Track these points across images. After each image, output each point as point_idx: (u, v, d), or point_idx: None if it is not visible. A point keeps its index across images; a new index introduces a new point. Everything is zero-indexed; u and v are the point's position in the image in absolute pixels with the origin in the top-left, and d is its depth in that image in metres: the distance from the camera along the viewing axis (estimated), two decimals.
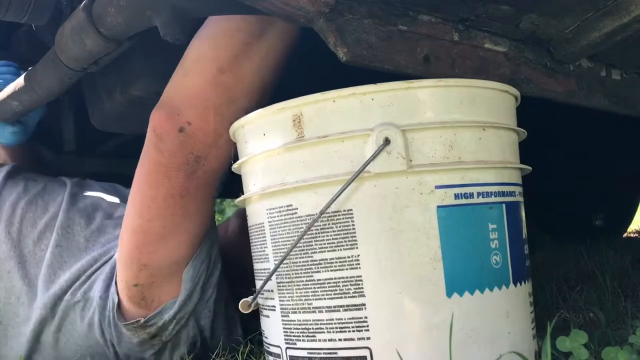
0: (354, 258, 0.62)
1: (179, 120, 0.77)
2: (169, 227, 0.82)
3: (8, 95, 1.02)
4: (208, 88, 0.77)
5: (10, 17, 0.88)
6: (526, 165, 0.72)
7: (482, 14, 0.72)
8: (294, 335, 0.66)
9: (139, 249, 0.84)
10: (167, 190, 0.80)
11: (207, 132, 0.78)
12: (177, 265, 0.86)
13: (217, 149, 0.79)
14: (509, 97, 0.71)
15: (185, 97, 0.78)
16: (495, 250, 0.65)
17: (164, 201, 0.81)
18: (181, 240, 0.84)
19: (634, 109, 0.95)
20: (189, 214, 0.83)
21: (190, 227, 0.84)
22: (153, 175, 0.81)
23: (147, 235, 0.83)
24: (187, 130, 0.77)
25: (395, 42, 0.68)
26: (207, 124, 0.77)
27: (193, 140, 0.78)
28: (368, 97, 0.62)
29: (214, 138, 0.78)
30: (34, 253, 0.98)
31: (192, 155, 0.79)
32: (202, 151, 0.79)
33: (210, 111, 0.77)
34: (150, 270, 0.85)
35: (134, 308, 0.88)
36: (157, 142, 0.79)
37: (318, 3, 0.62)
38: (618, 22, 0.74)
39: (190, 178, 0.80)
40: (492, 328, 0.64)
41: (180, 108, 0.78)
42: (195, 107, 0.77)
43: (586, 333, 0.69)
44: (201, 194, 0.83)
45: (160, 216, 0.82)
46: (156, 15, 0.74)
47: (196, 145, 0.78)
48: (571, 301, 1.08)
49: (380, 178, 0.62)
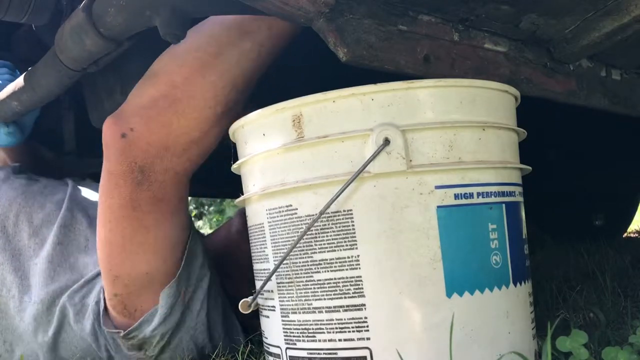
0: (353, 258, 0.62)
1: (122, 127, 0.77)
2: (128, 239, 0.82)
3: (8, 95, 1.02)
4: (158, 99, 0.77)
5: (10, 17, 0.88)
6: (526, 165, 0.72)
7: (482, 14, 0.72)
8: (294, 335, 0.66)
9: (107, 260, 0.84)
10: (120, 200, 0.80)
11: (150, 141, 0.77)
12: (148, 276, 0.85)
13: (162, 160, 0.79)
14: (509, 97, 0.71)
15: (135, 105, 0.79)
16: (495, 250, 0.65)
17: (119, 211, 0.81)
18: (145, 252, 0.83)
19: (634, 109, 0.95)
20: (145, 227, 0.82)
21: (152, 240, 0.83)
22: (106, 184, 0.81)
23: (111, 246, 0.83)
24: (129, 135, 0.77)
25: (395, 42, 0.68)
26: (149, 132, 0.77)
27: (135, 147, 0.77)
28: (368, 97, 0.62)
29: (157, 148, 0.78)
30: (28, 246, 0.98)
31: (135, 164, 0.78)
32: (145, 161, 0.78)
33: (155, 121, 0.77)
34: (123, 281, 0.84)
35: (119, 317, 0.88)
36: (105, 148, 0.80)
37: (318, 3, 0.62)
38: (618, 22, 0.74)
39: (137, 189, 0.79)
40: (492, 328, 0.64)
41: (127, 115, 0.78)
42: (141, 115, 0.77)
43: (586, 333, 0.69)
44: (157, 208, 0.82)
45: (119, 227, 0.81)
46: (156, 15, 0.74)
47: (138, 154, 0.78)
48: (571, 301, 1.08)
49: (380, 178, 0.62)
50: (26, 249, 0.98)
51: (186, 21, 0.75)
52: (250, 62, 0.80)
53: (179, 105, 0.77)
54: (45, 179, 1.13)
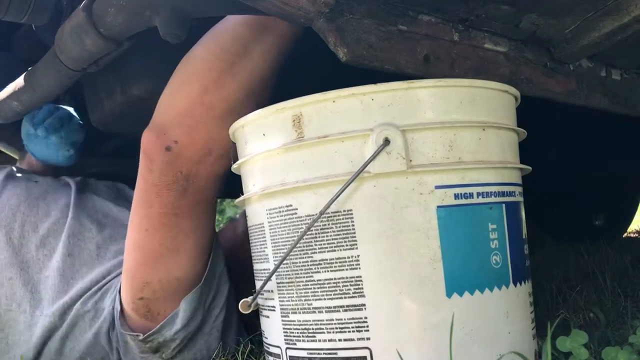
0: (353, 258, 0.62)
1: (165, 139, 0.78)
2: (166, 245, 0.83)
3: (8, 95, 1.02)
4: (193, 107, 0.78)
5: (10, 17, 0.88)
6: (526, 165, 0.72)
7: (482, 14, 0.72)
8: (294, 335, 0.66)
9: (140, 266, 0.85)
10: (161, 209, 0.81)
11: (194, 149, 0.78)
12: (178, 282, 0.86)
13: (205, 166, 0.80)
14: (509, 97, 0.71)
15: (172, 116, 0.79)
16: (495, 250, 0.65)
17: (158, 219, 0.82)
18: (180, 258, 0.84)
19: (634, 109, 0.95)
20: (185, 232, 0.83)
21: (188, 245, 0.84)
22: (146, 195, 0.82)
23: (146, 252, 0.84)
24: (174, 148, 0.78)
25: (395, 42, 0.68)
26: (193, 142, 0.78)
27: (180, 158, 0.78)
28: (368, 97, 0.62)
29: (201, 155, 0.79)
30: (37, 258, 0.97)
31: (180, 173, 0.79)
32: (191, 169, 0.79)
33: (196, 129, 0.78)
34: (153, 286, 0.85)
35: (139, 319, 0.88)
36: (148, 162, 0.80)
37: (318, 3, 0.62)
38: (618, 22, 0.74)
39: (181, 196, 0.80)
40: (492, 328, 0.64)
41: (167, 127, 0.79)
42: (181, 125, 0.78)
43: (586, 333, 0.69)
44: (196, 212, 0.83)
45: (157, 234, 0.82)
46: (156, 15, 0.74)
47: (184, 164, 0.79)
48: (571, 301, 1.08)
49: (380, 178, 0.62)
50: (34, 261, 0.97)
51: (186, 21, 0.75)
52: (274, 55, 0.80)
53: (215, 111, 0.78)
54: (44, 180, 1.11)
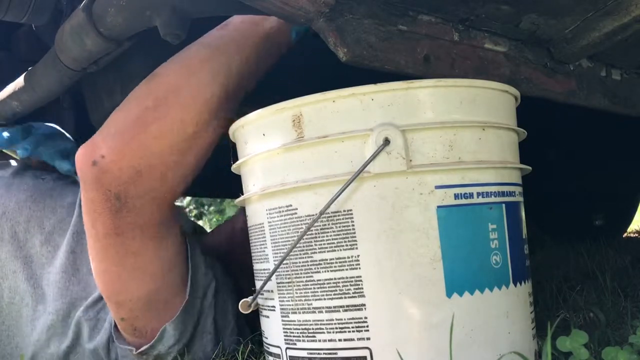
0: (353, 258, 0.62)
1: (94, 154, 0.76)
2: (120, 265, 0.81)
3: (8, 95, 1.02)
4: (130, 123, 0.76)
5: (10, 17, 0.88)
6: (526, 165, 0.72)
7: (482, 14, 0.72)
8: (294, 335, 0.66)
9: (106, 288, 0.83)
10: (103, 229, 0.78)
11: (121, 166, 0.75)
12: (149, 297, 0.84)
13: (136, 186, 0.76)
14: (509, 97, 0.71)
15: (107, 131, 0.77)
16: (495, 250, 0.65)
17: (104, 240, 0.79)
18: (141, 275, 0.82)
19: (634, 109, 0.95)
20: (133, 252, 0.80)
21: (143, 265, 0.82)
22: (87, 213, 0.79)
23: (106, 274, 0.82)
24: (100, 163, 0.75)
25: (395, 42, 0.68)
26: (121, 158, 0.75)
27: (107, 174, 0.75)
28: (368, 98, 0.62)
29: (130, 174, 0.76)
30: (41, 254, 0.97)
31: (109, 192, 0.76)
32: (119, 188, 0.76)
33: (126, 146, 0.75)
34: (127, 306, 0.83)
35: (130, 337, 0.88)
36: (80, 177, 0.78)
37: (318, 3, 0.62)
38: (618, 22, 0.74)
39: (117, 216, 0.77)
40: (492, 328, 0.64)
41: (99, 142, 0.76)
42: (112, 140, 0.76)
43: (586, 333, 0.69)
44: (141, 233, 0.79)
45: (108, 255, 0.80)
46: (156, 15, 0.74)
47: (112, 181, 0.76)
48: (571, 301, 1.08)
49: (380, 178, 0.62)
50: (38, 256, 0.97)
51: (186, 21, 0.75)
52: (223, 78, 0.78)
53: (149, 130, 0.75)
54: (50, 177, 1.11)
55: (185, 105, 0.77)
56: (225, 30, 0.80)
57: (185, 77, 0.78)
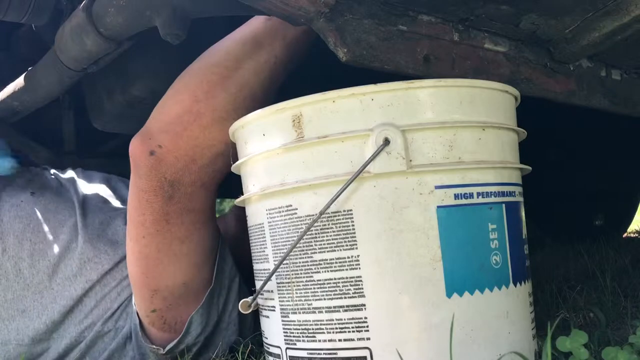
0: (353, 258, 0.62)
1: (150, 144, 0.80)
2: (164, 252, 0.84)
3: (8, 95, 1.02)
4: (182, 114, 0.79)
5: (10, 17, 0.88)
6: (526, 165, 0.72)
7: (482, 14, 0.72)
8: (294, 335, 0.66)
9: (145, 275, 0.85)
10: (152, 216, 0.82)
11: (178, 155, 0.80)
12: (185, 286, 0.87)
13: (190, 173, 0.81)
14: (509, 97, 0.71)
15: (160, 122, 0.81)
16: (495, 250, 0.65)
17: (152, 226, 0.82)
18: (181, 263, 0.85)
19: (634, 109, 0.95)
20: (179, 238, 0.84)
21: (186, 251, 0.85)
22: (137, 201, 0.83)
23: (147, 260, 0.84)
24: (157, 153, 0.79)
25: (395, 42, 0.68)
26: (177, 148, 0.79)
27: (163, 163, 0.79)
28: (368, 98, 0.62)
29: (185, 162, 0.80)
30: (51, 288, 0.94)
31: (165, 179, 0.80)
32: (175, 175, 0.80)
33: (181, 135, 0.79)
34: (162, 294, 0.86)
35: (158, 332, 0.89)
36: (134, 167, 0.81)
37: (318, 3, 0.62)
38: (618, 22, 0.74)
39: (169, 203, 0.81)
40: (492, 328, 0.64)
41: (153, 132, 0.80)
42: (167, 131, 0.80)
43: (586, 333, 0.69)
44: (187, 219, 0.84)
45: (153, 242, 0.83)
46: (156, 15, 0.74)
47: (168, 169, 0.80)
48: (571, 301, 1.08)
49: (380, 178, 0.62)
50: (48, 290, 0.94)
51: (186, 21, 0.75)
52: (266, 72, 0.82)
53: (202, 119, 0.79)
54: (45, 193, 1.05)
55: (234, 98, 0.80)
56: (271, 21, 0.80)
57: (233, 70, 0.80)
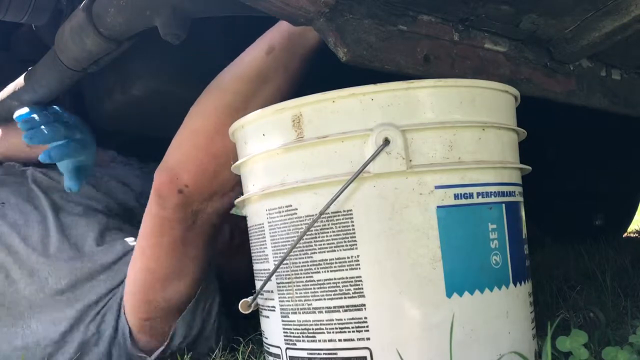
0: (353, 258, 0.62)
1: (178, 183, 0.87)
2: (173, 269, 0.92)
3: (8, 95, 1.02)
4: (201, 155, 0.87)
5: (10, 17, 0.88)
6: (526, 165, 0.72)
7: (482, 14, 0.72)
8: (294, 335, 0.66)
9: (148, 288, 0.92)
10: (171, 238, 0.90)
11: (202, 191, 0.88)
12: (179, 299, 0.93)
13: (212, 203, 0.90)
14: (509, 97, 0.71)
15: (183, 163, 0.88)
16: (495, 250, 0.65)
17: (168, 247, 0.90)
18: (186, 279, 0.93)
19: (634, 109, 0.95)
20: (190, 257, 0.92)
21: (192, 269, 0.93)
22: (158, 227, 0.90)
23: (156, 275, 0.92)
24: (185, 191, 0.87)
25: (395, 42, 0.68)
26: (201, 186, 0.88)
27: (191, 199, 0.88)
28: (368, 98, 0.62)
29: (208, 195, 0.89)
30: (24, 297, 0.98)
31: (190, 211, 0.89)
32: (200, 206, 0.89)
33: (203, 175, 0.87)
34: (159, 305, 0.93)
35: (146, 338, 0.95)
36: (160, 201, 0.89)
37: (318, 3, 0.62)
38: (618, 22, 0.74)
39: (190, 229, 0.90)
40: (492, 328, 0.64)
41: (178, 172, 0.88)
42: (191, 172, 0.87)
43: (586, 333, 0.69)
44: (201, 240, 0.92)
45: (167, 261, 0.91)
46: (156, 15, 0.74)
47: (194, 203, 0.89)
48: (571, 301, 1.08)
49: (379, 178, 0.62)
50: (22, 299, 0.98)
51: (186, 21, 0.75)
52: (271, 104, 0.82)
53: (219, 159, 0.85)
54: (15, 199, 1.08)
55: None
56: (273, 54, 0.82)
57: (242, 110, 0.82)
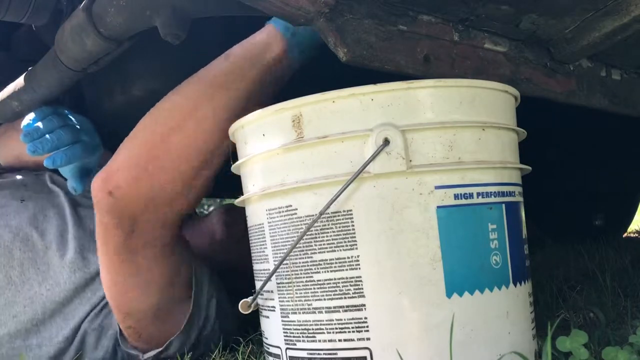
0: (353, 259, 0.62)
1: (109, 184, 0.82)
2: (131, 280, 0.87)
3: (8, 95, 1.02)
4: (141, 156, 0.82)
5: (10, 17, 0.88)
6: (526, 165, 0.72)
7: (482, 14, 0.72)
8: (294, 335, 0.66)
9: (115, 300, 0.90)
10: (115, 246, 0.85)
11: (136, 195, 0.82)
12: (157, 307, 0.90)
13: (149, 212, 0.83)
14: (509, 97, 0.71)
15: (120, 162, 0.83)
16: (495, 250, 0.65)
17: (115, 256, 0.86)
18: (149, 288, 0.89)
19: (634, 109, 0.95)
20: (144, 267, 0.87)
21: (153, 277, 0.88)
22: (101, 233, 0.86)
23: (116, 287, 0.88)
24: (116, 193, 0.82)
25: (395, 42, 0.68)
26: (134, 188, 0.82)
27: (122, 202, 0.82)
28: (368, 98, 0.62)
29: (144, 202, 0.83)
30: (40, 294, 0.97)
31: (124, 217, 0.83)
32: (134, 213, 0.83)
33: (139, 177, 0.82)
34: (135, 316, 0.90)
35: (135, 343, 0.93)
36: (95, 203, 0.84)
37: (318, 3, 0.62)
38: (618, 22, 0.74)
39: (130, 237, 0.84)
40: (492, 328, 0.64)
41: (113, 172, 0.83)
42: (125, 172, 0.82)
43: (586, 333, 0.69)
44: (151, 252, 0.86)
45: (118, 270, 0.87)
46: (156, 15, 0.74)
47: (126, 208, 0.83)
48: (571, 301, 1.08)
49: (379, 178, 0.62)
50: (38, 296, 0.97)
51: (186, 21, 0.75)
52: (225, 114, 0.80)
53: (158, 162, 0.81)
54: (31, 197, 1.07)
55: (189, 141, 0.81)
56: (227, 63, 0.81)
57: (188, 113, 0.81)
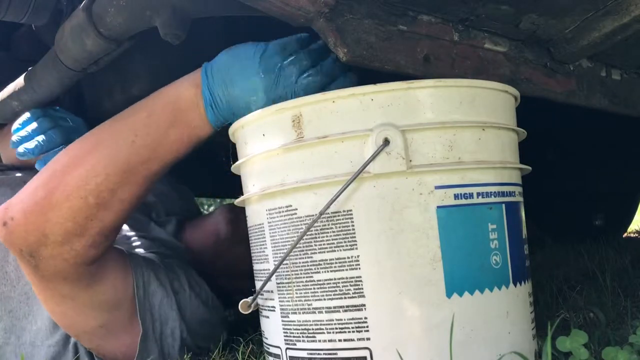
0: (353, 259, 0.62)
1: (6, 215, 0.81)
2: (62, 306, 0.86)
3: (8, 95, 1.02)
4: (37, 188, 0.80)
5: (10, 17, 0.88)
6: (526, 165, 0.72)
7: (482, 14, 0.72)
8: (294, 335, 0.66)
9: (61, 325, 0.90)
10: (32, 278, 0.84)
11: (29, 229, 0.79)
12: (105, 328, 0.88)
13: (46, 248, 0.80)
14: (509, 97, 0.71)
15: (22, 194, 0.82)
16: (495, 250, 0.65)
17: (37, 286, 0.85)
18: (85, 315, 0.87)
19: (634, 109, 0.95)
20: (67, 297, 0.84)
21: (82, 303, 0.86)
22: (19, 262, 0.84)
23: (54, 314, 0.88)
24: (9, 225, 0.80)
25: (395, 42, 0.68)
26: (27, 222, 0.79)
27: (14, 235, 0.80)
28: (367, 98, 0.62)
29: (37, 236, 0.79)
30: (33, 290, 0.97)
31: (21, 250, 0.80)
32: (30, 247, 0.80)
33: (32, 210, 0.79)
34: (85, 337, 0.90)
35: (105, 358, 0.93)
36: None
37: (318, 3, 0.62)
38: (618, 22, 0.74)
39: (37, 270, 0.81)
40: (492, 328, 0.64)
41: (13, 204, 0.82)
42: (21, 204, 0.80)
43: (586, 333, 0.69)
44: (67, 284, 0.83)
45: (47, 298, 0.86)
46: (156, 15, 0.74)
47: (20, 242, 0.80)
48: (571, 301, 1.08)
49: (379, 178, 0.62)
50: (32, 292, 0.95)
51: (186, 21, 0.75)
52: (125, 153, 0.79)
53: (53, 195, 0.79)
54: None
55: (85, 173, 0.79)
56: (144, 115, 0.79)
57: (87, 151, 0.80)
